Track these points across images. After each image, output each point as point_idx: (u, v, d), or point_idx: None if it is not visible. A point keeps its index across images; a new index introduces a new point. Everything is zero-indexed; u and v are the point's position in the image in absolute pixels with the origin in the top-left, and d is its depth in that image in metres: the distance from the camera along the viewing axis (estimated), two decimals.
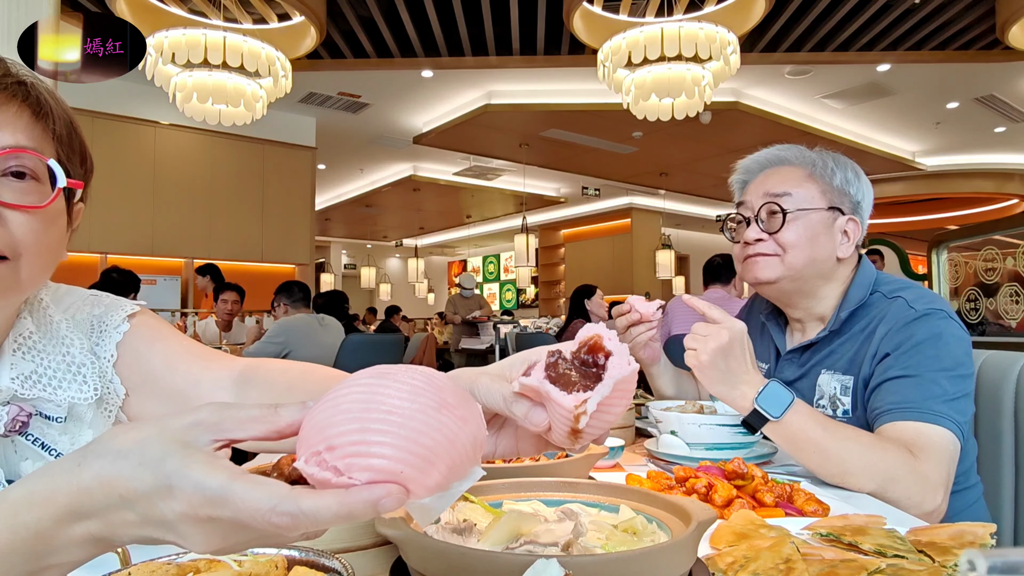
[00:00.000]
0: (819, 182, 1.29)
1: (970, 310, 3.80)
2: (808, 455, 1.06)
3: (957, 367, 1.11)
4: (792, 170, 1.32)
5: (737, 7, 4.12)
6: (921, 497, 1.00)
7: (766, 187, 1.31)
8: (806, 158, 1.33)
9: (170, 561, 0.55)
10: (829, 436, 1.04)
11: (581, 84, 6.59)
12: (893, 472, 1.01)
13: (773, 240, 1.28)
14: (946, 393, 1.08)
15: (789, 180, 1.30)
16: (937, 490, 1.01)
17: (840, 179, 1.30)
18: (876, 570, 0.62)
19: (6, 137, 0.68)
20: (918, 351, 1.12)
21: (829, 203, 1.28)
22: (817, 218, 1.27)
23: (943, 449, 1.04)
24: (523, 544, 0.57)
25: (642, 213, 12.06)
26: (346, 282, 14.94)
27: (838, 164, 1.31)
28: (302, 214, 7.47)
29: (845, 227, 1.29)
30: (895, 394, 1.11)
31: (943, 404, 1.07)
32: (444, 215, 13.41)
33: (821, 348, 1.30)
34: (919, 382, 1.10)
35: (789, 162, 1.34)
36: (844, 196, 1.30)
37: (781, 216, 1.27)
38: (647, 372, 1.57)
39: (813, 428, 1.05)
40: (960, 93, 6.99)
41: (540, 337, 4.92)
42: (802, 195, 1.28)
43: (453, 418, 0.40)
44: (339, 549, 0.62)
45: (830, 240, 1.27)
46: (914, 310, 1.17)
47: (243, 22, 4.28)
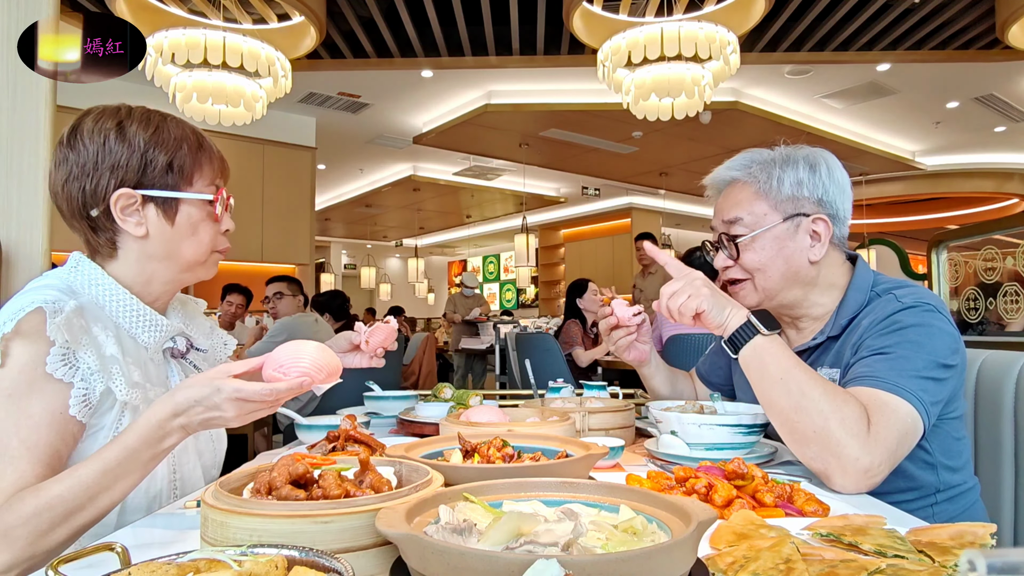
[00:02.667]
0: (767, 197, 1.26)
1: (970, 310, 3.80)
2: (773, 381, 1.08)
3: (937, 355, 1.10)
4: (741, 189, 1.30)
5: (737, 7, 4.11)
6: (860, 452, 0.99)
7: (721, 212, 1.32)
8: (752, 173, 1.28)
9: (170, 561, 0.55)
10: (800, 370, 1.07)
11: (581, 84, 6.59)
12: (845, 420, 1.00)
13: (739, 266, 1.29)
14: (916, 371, 1.07)
15: (740, 202, 1.28)
16: (880, 450, 1.00)
17: (790, 183, 1.25)
18: (876, 570, 0.62)
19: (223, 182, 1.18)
20: (900, 334, 1.12)
21: (783, 214, 1.25)
22: (775, 234, 1.25)
23: (898, 418, 1.03)
24: (523, 544, 0.57)
25: (642, 213, 12.06)
26: (346, 282, 14.94)
27: (788, 166, 1.26)
28: (302, 214, 7.47)
29: (811, 229, 1.25)
30: (866, 367, 1.11)
31: (910, 379, 1.06)
32: (444, 215, 13.41)
33: (817, 350, 1.29)
34: (892, 358, 1.10)
35: (737, 180, 1.31)
36: (798, 200, 1.25)
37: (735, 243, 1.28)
38: (639, 373, 1.57)
39: (789, 357, 1.09)
40: (960, 93, 6.98)
41: (540, 337, 4.92)
42: (753, 216, 1.26)
43: (326, 356, 0.96)
44: (339, 549, 0.62)
45: (798, 248, 1.25)
46: (902, 303, 1.17)
47: (243, 22, 4.28)
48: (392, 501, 0.66)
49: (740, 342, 1.12)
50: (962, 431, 1.22)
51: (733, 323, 1.13)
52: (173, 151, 1.07)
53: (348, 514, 0.64)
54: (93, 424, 1.00)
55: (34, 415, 0.92)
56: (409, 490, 0.71)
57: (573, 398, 1.67)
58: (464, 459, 0.97)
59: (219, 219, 1.14)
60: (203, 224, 1.12)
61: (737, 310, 1.15)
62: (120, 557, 0.61)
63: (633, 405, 1.51)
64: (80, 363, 0.97)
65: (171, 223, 1.09)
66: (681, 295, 1.15)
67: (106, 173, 1.04)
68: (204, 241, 1.13)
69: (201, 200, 1.11)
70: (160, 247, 1.10)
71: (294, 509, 0.64)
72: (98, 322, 1.02)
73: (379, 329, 1.36)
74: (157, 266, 1.11)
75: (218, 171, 1.15)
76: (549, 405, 1.55)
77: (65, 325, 0.95)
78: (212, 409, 0.88)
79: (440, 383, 1.77)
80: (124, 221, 1.06)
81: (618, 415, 1.42)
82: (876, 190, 10.27)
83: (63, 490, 0.85)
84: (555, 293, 13.90)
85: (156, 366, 1.13)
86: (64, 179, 1.06)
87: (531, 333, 5.54)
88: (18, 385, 0.93)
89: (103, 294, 1.06)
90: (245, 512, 0.64)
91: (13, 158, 2.06)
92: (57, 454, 0.94)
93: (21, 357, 0.93)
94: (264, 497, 0.70)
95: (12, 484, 0.88)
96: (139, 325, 1.08)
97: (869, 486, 1.00)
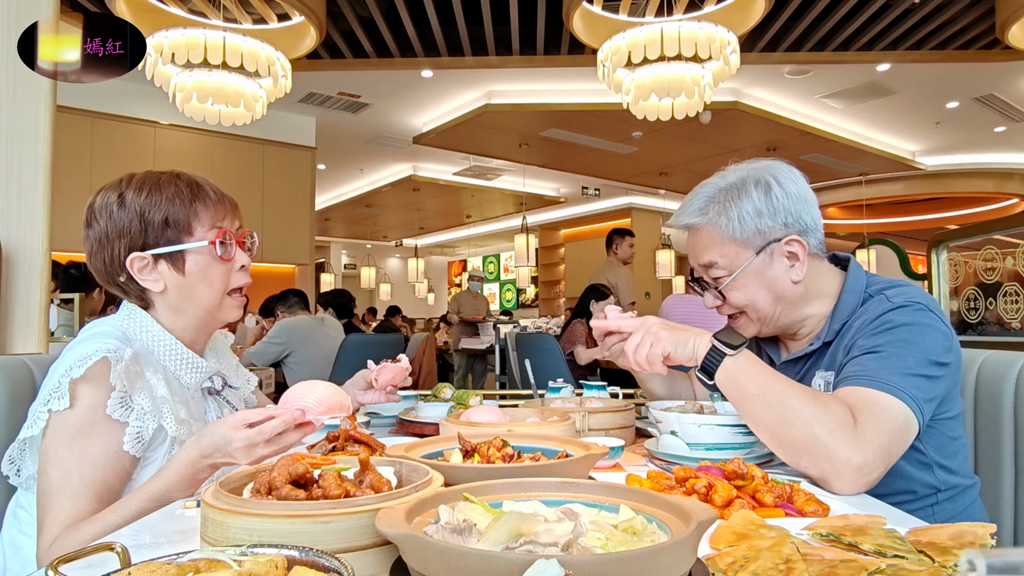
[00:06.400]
0: (733, 239, 1.24)
1: (970, 310, 3.80)
2: (751, 398, 1.07)
3: (928, 353, 1.09)
4: (705, 234, 1.28)
5: (737, 7, 4.11)
6: (850, 452, 0.98)
7: (695, 256, 1.32)
8: (710, 216, 1.26)
9: (170, 561, 0.55)
10: (775, 381, 1.06)
11: (581, 84, 6.59)
12: (829, 424, 1.00)
13: (729, 304, 1.30)
14: (908, 368, 1.06)
15: (708, 247, 1.28)
16: (870, 448, 0.99)
17: (751, 216, 1.22)
18: (876, 570, 0.62)
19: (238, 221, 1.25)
20: (890, 333, 1.12)
21: (755, 249, 1.24)
22: (752, 270, 1.25)
23: (888, 416, 1.02)
24: (523, 544, 0.57)
25: (642, 213, 12.05)
26: (346, 282, 14.93)
27: (742, 197, 1.23)
28: (302, 214, 7.47)
29: (787, 251, 1.24)
30: (857, 366, 1.11)
31: (901, 377, 1.05)
32: (444, 215, 13.40)
33: (814, 356, 1.29)
34: (881, 357, 1.09)
35: (698, 226, 1.29)
36: (764, 232, 1.23)
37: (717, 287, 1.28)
38: (635, 376, 1.57)
39: (762, 372, 1.08)
40: (960, 93, 6.98)
41: (540, 337, 4.91)
42: (726, 259, 1.26)
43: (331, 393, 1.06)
44: (339, 549, 0.62)
45: (779, 274, 1.25)
46: (892, 303, 1.16)
47: (243, 22, 4.28)
48: (392, 501, 0.66)
49: (711, 368, 1.10)
50: (959, 430, 1.22)
51: (700, 351, 1.12)
52: (167, 208, 1.16)
53: (348, 514, 0.64)
54: (147, 457, 1.12)
55: (93, 453, 1.04)
56: (409, 490, 0.71)
57: (573, 398, 1.67)
58: (464, 459, 0.97)
59: (227, 259, 1.20)
60: (212, 267, 1.19)
61: (700, 337, 1.13)
62: (120, 557, 0.61)
63: (633, 405, 1.51)
64: (135, 405, 1.08)
65: (182, 274, 1.18)
66: (644, 346, 1.15)
67: (116, 242, 1.16)
68: (216, 282, 1.20)
69: (204, 246, 1.18)
70: (179, 297, 1.20)
71: (294, 509, 0.64)
72: (150, 366, 1.15)
73: (387, 368, 1.44)
74: (183, 314, 1.21)
75: (220, 213, 1.21)
76: (549, 405, 1.55)
77: (124, 373, 1.06)
78: (227, 456, 0.98)
79: (440, 383, 1.77)
80: (144, 281, 1.17)
81: (618, 415, 1.42)
82: (876, 190, 10.27)
83: (117, 518, 0.97)
84: (555, 293, 13.89)
85: (196, 403, 1.24)
86: (90, 254, 1.19)
87: (531, 333, 5.53)
88: (81, 427, 1.04)
89: (152, 339, 1.18)
90: (245, 512, 0.64)
91: (13, 158, 2.06)
92: (110, 489, 1.06)
93: (86, 401, 1.04)
94: (264, 497, 0.70)
95: (72, 516, 1.00)
96: (182, 368, 1.20)
97: (867, 484, 1.00)
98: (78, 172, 5.96)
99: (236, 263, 1.22)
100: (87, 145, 6.15)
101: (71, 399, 1.03)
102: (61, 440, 1.03)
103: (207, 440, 0.98)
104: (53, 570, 0.57)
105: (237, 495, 0.70)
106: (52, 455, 1.03)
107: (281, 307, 4.93)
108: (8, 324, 2.03)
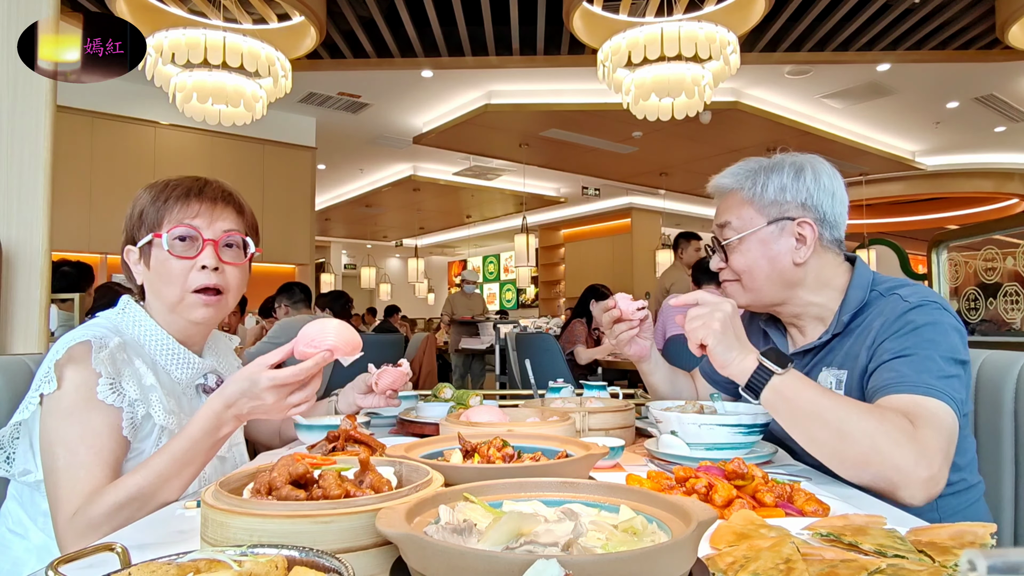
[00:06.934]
0: (753, 203, 1.31)
1: (970, 310, 3.80)
2: (804, 416, 1.06)
3: (953, 352, 1.11)
4: (731, 196, 1.35)
5: (737, 7, 4.11)
6: (916, 461, 0.98)
7: (716, 217, 1.38)
8: (740, 180, 1.34)
9: (170, 561, 0.55)
10: (827, 398, 1.06)
11: (581, 84, 6.59)
12: (891, 434, 1.00)
13: (730, 268, 1.34)
14: (942, 371, 1.08)
15: (730, 208, 1.35)
16: (935, 456, 0.99)
17: (774, 189, 1.29)
18: (876, 570, 0.62)
19: (227, 223, 1.22)
20: (916, 334, 1.13)
21: (768, 218, 1.30)
22: (760, 237, 1.30)
23: (941, 420, 1.03)
24: (523, 544, 0.57)
25: (642, 213, 12.05)
26: (346, 282, 14.93)
27: (773, 172, 1.31)
28: (302, 214, 7.47)
29: (797, 232, 1.28)
30: (892, 371, 1.11)
31: (939, 380, 1.07)
32: (444, 215, 13.40)
33: (823, 349, 1.31)
34: (915, 360, 1.10)
35: (728, 188, 1.37)
36: (783, 205, 1.29)
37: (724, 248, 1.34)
38: (638, 369, 1.58)
39: (811, 389, 1.08)
40: (960, 93, 6.98)
41: (540, 337, 4.91)
42: (740, 221, 1.32)
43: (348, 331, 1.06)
44: (339, 549, 0.62)
45: (783, 250, 1.29)
46: (909, 303, 1.18)
47: (243, 22, 4.28)
48: (392, 501, 0.66)
49: (758, 387, 1.10)
50: (967, 429, 1.23)
51: (747, 367, 1.11)
52: (145, 204, 1.21)
53: (348, 514, 0.64)
54: (136, 448, 1.11)
55: (95, 426, 1.05)
56: (409, 490, 0.71)
57: (573, 398, 1.67)
58: (464, 459, 0.96)
59: (182, 256, 1.18)
60: (169, 263, 1.18)
61: (745, 354, 1.12)
62: (120, 557, 0.61)
63: (633, 405, 1.51)
64: (126, 391, 1.10)
65: (148, 268, 1.21)
66: (697, 321, 1.17)
67: (123, 235, 1.25)
68: (172, 279, 1.19)
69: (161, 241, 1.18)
70: (150, 290, 1.24)
71: (294, 509, 0.64)
72: (139, 357, 1.16)
73: (387, 372, 1.45)
74: (158, 311, 1.23)
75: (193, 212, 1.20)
76: (549, 405, 1.55)
77: (109, 359, 1.08)
78: (255, 399, 0.99)
79: (440, 383, 1.77)
80: (133, 272, 1.24)
81: (618, 415, 1.42)
82: (876, 190, 10.27)
83: (139, 479, 0.97)
84: (555, 293, 13.89)
85: (188, 400, 1.25)
86: None
87: (531, 333, 5.53)
88: (75, 403, 1.05)
89: (143, 334, 1.21)
90: (245, 512, 0.64)
91: (13, 158, 2.06)
92: (118, 460, 1.06)
93: (73, 380, 1.06)
94: (264, 497, 0.70)
95: (88, 484, 1.00)
96: (173, 362, 1.22)
97: (935, 494, 1.00)
98: (78, 172, 5.95)
99: (198, 262, 1.18)
100: (87, 145, 6.15)
101: (59, 381, 1.05)
102: (59, 418, 1.04)
103: (231, 388, 0.99)
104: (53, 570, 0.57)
105: (237, 495, 0.70)
106: (53, 434, 1.04)
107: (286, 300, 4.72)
108: (8, 324, 2.03)
